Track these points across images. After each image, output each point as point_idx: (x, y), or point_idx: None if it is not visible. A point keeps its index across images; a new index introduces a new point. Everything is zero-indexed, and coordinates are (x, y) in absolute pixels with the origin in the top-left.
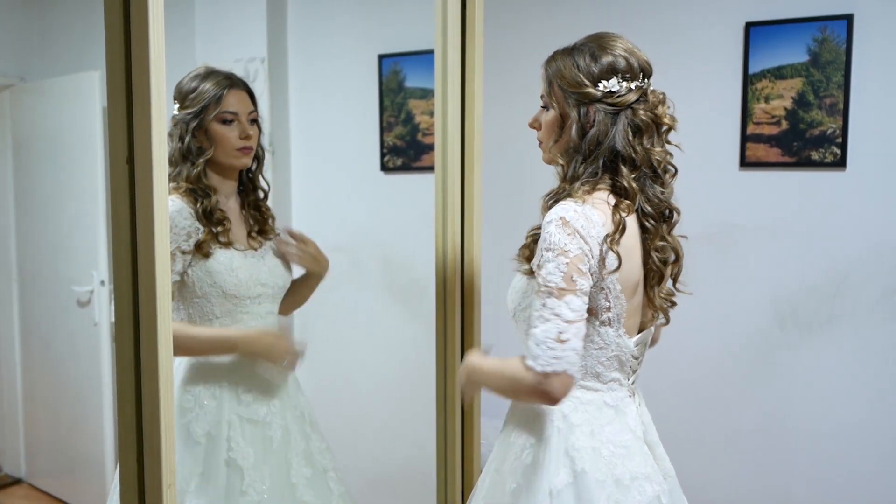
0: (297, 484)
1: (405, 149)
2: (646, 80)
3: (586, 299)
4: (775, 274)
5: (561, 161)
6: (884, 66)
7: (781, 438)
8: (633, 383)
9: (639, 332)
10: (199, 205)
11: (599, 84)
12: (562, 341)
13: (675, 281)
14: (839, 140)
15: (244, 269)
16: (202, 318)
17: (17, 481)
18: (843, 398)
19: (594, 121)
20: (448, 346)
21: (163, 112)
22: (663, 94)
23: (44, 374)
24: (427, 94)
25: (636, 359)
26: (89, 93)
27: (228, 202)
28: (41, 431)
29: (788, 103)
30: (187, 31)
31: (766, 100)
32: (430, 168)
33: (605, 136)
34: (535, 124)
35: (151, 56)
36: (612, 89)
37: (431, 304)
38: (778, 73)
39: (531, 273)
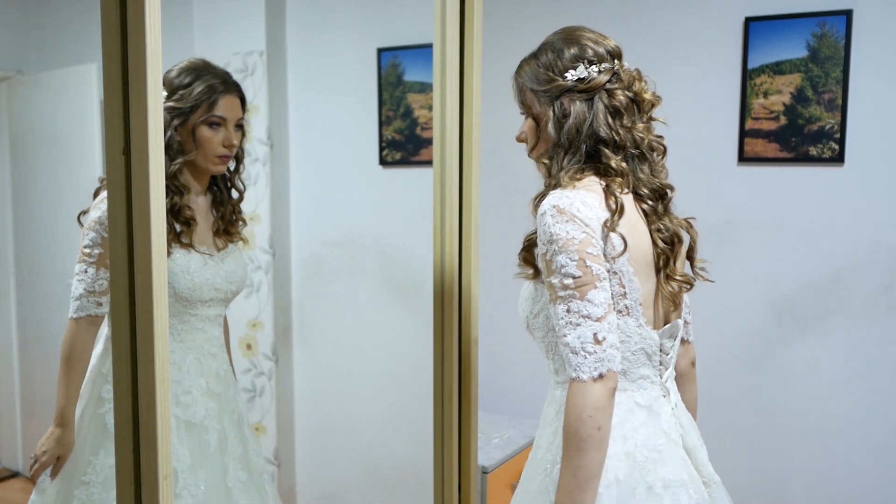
0: (233, 488)
1: (404, 143)
2: (616, 62)
3: (607, 284)
4: (772, 269)
5: (545, 160)
6: (882, 61)
7: (778, 434)
8: (665, 381)
9: (665, 324)
10: (168, 200)
11: (567, 74)
12: (599, 341)
13: (692, 265)
14: (837, 136)
15: (200, 272)
16: None
17: (14, 474)
18: (840, 394)
19: (569, 111)
20: (445, 340)
21: (159, 104)
22: (637, 70)
23: (40, 367)
24: (426, 88)
25: (665, 353)
26: (86, 85)
27: (197, 199)
28: (38, 425)
29: (787, 99)
30: (185, 23)
31: (765, 95)
32: (429, 162)
33: (584, 124)
34: (521, 136)
35: (148, 48)
36: (581, 76)
37: (429, 299)
38: (777, 69)
39: (536, 275)
